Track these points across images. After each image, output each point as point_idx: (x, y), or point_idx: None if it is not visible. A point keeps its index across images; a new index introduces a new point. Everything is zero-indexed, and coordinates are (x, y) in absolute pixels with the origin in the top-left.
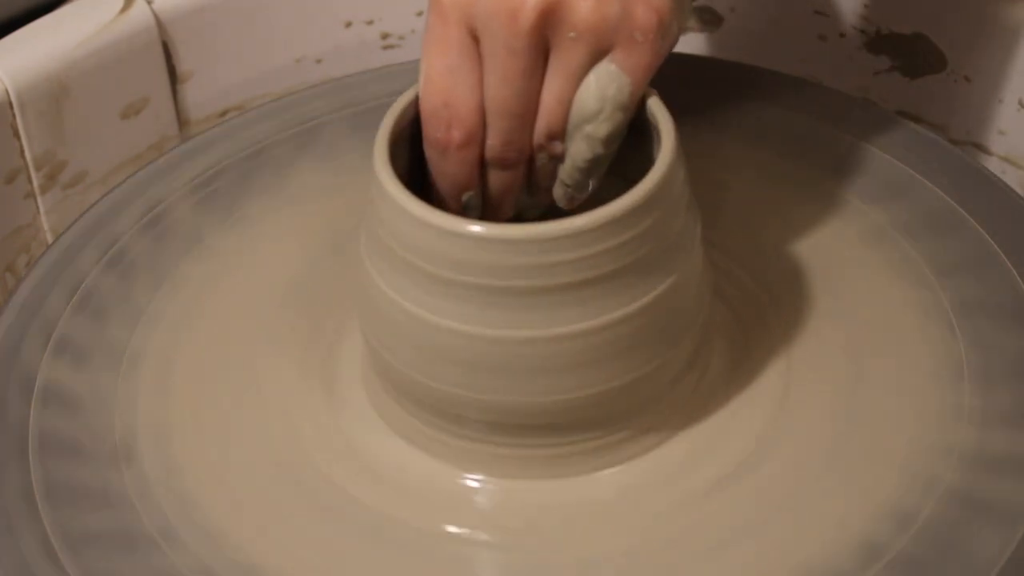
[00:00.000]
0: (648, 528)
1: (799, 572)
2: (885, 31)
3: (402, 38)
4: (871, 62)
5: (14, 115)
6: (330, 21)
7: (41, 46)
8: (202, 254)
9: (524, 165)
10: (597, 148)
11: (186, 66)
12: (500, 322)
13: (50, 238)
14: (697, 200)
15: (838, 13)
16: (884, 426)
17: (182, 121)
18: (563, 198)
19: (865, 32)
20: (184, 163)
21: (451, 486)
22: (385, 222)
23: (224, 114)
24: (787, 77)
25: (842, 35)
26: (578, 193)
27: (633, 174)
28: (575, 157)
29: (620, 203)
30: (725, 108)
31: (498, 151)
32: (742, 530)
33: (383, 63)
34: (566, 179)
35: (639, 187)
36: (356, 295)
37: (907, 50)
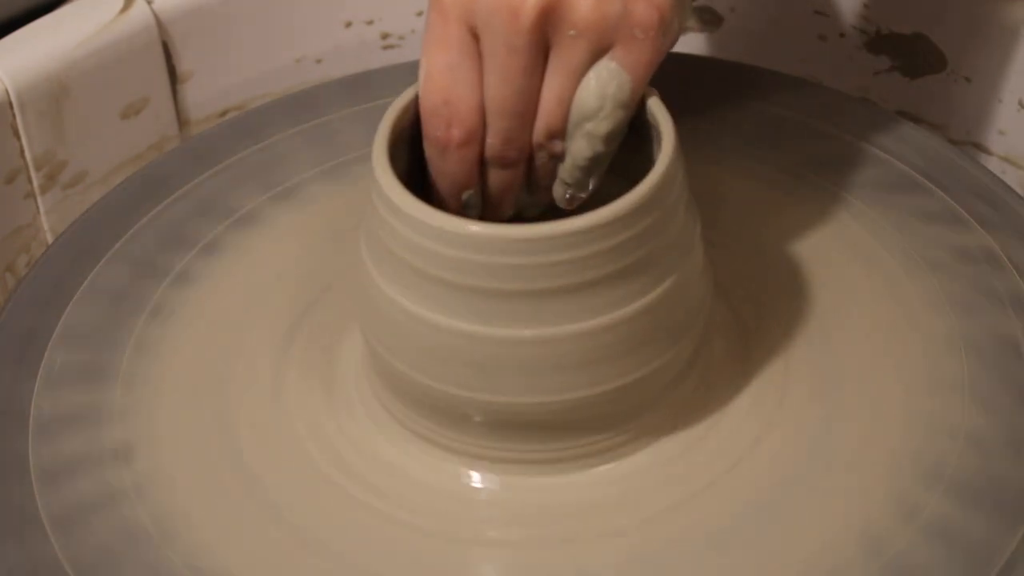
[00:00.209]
0: (648, 528)
1: (800, 572)
2: (885, 31)
3: (402, 38)
4: (871, 62)
5: (14, 115)
6: (330, 21)
7: (41, 46)
8: (201, 254)
9: (524, 164)
10: (597, 146)
11: (186, 66)
12: (500, 322)
13: (50, 238)
14: (697, 200)
15: (838, 13)
16: (884, 425)
17: (182, 121)
18: (563, 197)
19: (865, 32)
20: (184, 163)
21: (451, 486)
22: (385, 223)
23: (224, 114)
24: (787, 77)
25: (842, 35)
26: (579, 192)
27: (633, 174)
28: (575, 155)
29: (620, 203)
30: (725, 108)
31: (498, 150)
32: (742, 530)
33: (383, 63)
34: (567, 177)
35: (639, 187)
36: (356, 295)
37: (907, 50)
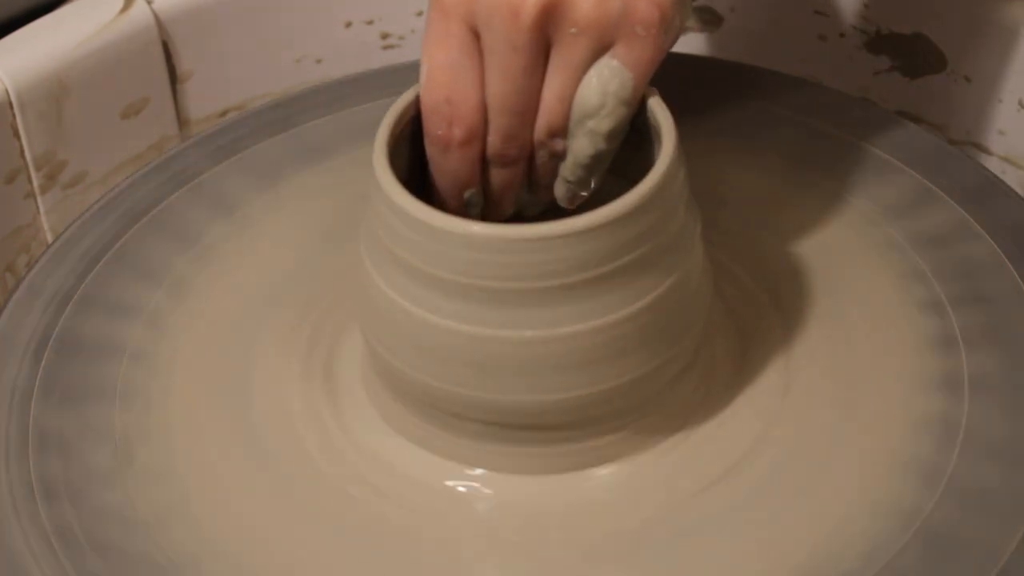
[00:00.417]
0: (648, 528)
1: (800, 571)
2: (885, 31)
3: (402, 38)
4: (871, 62)
5: (14, 115)
6: (330, 21)
7: (41, 46)
8: (201, 254)
9: (525, 162)
10: (600, 144)
11: (186, 66)
12: (500, 322)
13: (50, 238)
14: (697, 200)
15: (838, 13)
16: (885, 425)
17: (182, 121)
18: (565, 196)
19: (865, 32)
20: (184, 163)
21: (451, 485)
22: (384, 223)
23: (224, 114)
24: (787, 77)
25: (842, 35)
26: (580, 190)
27: (633, 174)
28: (577, 153)
29: (620, 203)
30: (725, 108)
31: (499, 148)
32: (742, 530)
33: (383, 63)
34: (568, 176)
35: (639, 187)
36: (356, 295)
37: (907, 50)
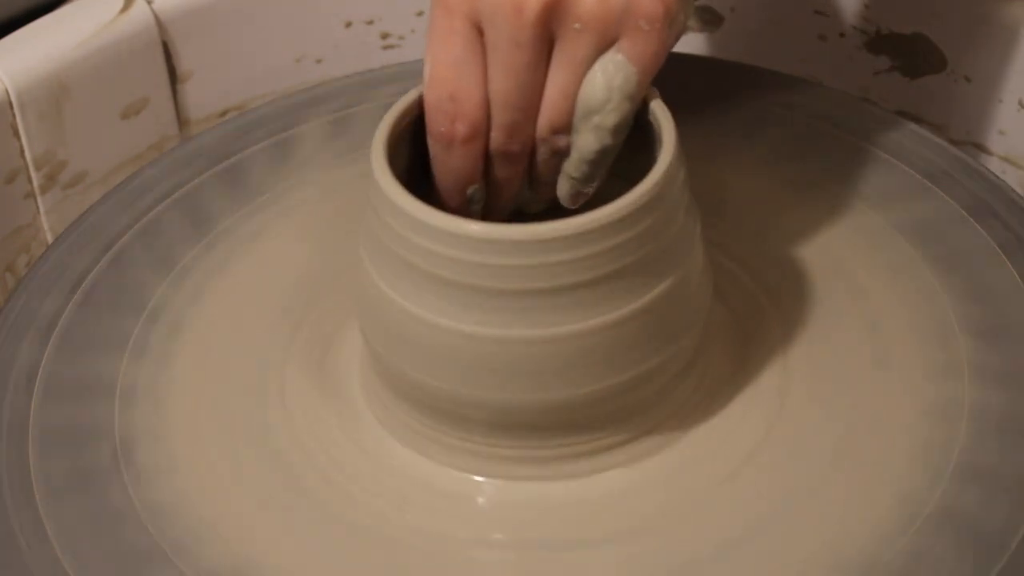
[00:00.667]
0: (649, 529)
1: (801, 571)
2: (885, 31)
3: (402, 38)
4: (871, 62)
5: (14, 115)
6: (330, 21)
7: (41, 46)
8: (201, 255)
9: (527, 158)
10: (605, 139)
11: (186, 66)
12: (500, 322)
13: (50, 238)
14: (697, 200)
15: (838, 13)
16: (885, 425)
17: (182, 121)
18: (568, 194)
19: (865, 32)
20: (183, 163)
21: (452, 486)
22: (384, 223)
23: (224, 114)
24: (787, 77)
25: (842, 35)
26: (584, 187)
27: (633, 174)
28: (583, 149)
29: (620, 203)
30: (725, 108)
31: (502, 144)
32: (742, 530)
33: (383, 63)
34: (573, 172)
35: (639, 188)
36: (356, 296)
37: (907, 50)
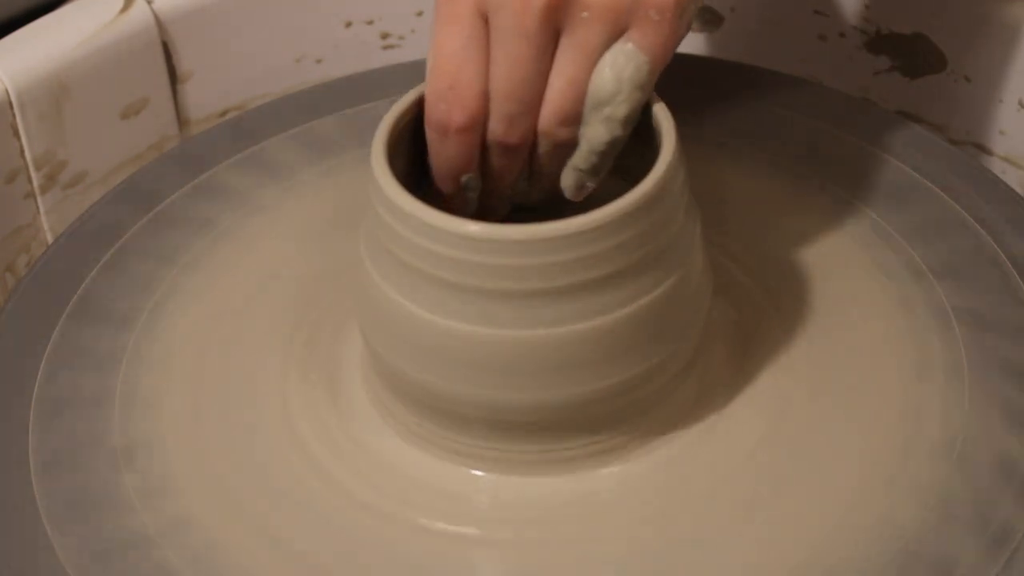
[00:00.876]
0: (649, 528)
1: (802, 570)
2: (885, 31)
3: (402, 38)
4: (871, 62)
5: (14, 115)
6: (330, 21)
7: (41, 46)
8: (200, 256)
9: (526, 151)
10: (616, 130)
11: (186, 66)
12: (500, 322)
13: (50, 238)
14: (697, 199)
15: (838, 13)
16: (886, 425)
17: (182, 121)
18: (573, 186)
19: (865, 32)
20: (182, 164)
21: (452, 485)
22: (383, 223)
23: (224, 114)
24: (787, 77)
25: (842, 35)
26: (590, 180)
27: (633, 174)
28: (592, 140)
29: (620, 203)
30: (725, 108)
31: (500, 135)
32: (743, 530)
33: (383, 63)
34: (581, 164)
35: (639, 188)
36: (356, 296)
37: (907, 50)
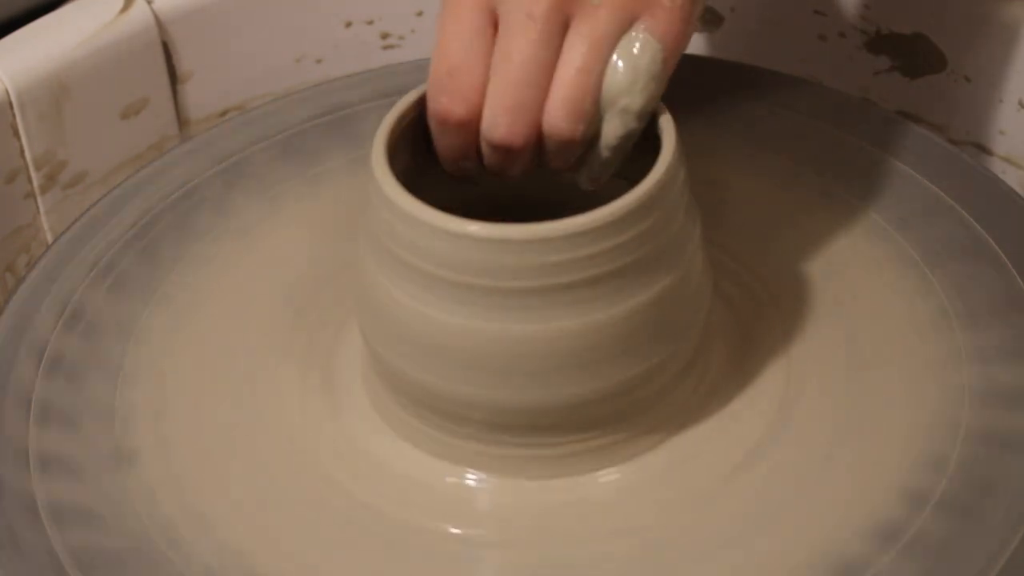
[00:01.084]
0: (648, 528)
1: (802, 569)
2: (885, 31)
3: (402, 38)
4: (871, 62)
5: (14, 115)
6: (330, 21)
7: (41, 46)
8: (199, 257)
9: (527, 154)
10: (631, 123)
11: (186, 66)
12: (499, 321)
13: (50, 238)
14: (697, 199)
15: (838, 13)
16: (886, 424)
17: (182, 121)
18: (587, 180)
19: (865, 32)
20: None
21: (452, 486)
22: (383, 222)
23: (224, 114)
24: (787, 77)
25: (842, 35)
26: (604, 172)
27: (634, 174)
28: (607, 134)
29: (620, 203)
30: (725, 108)
31: (500, 136)
32: (743, 529)
33: (383, 63)
34: (594, 159)
35: (639, 188)
36: (356, 295)
37: (907, 50)
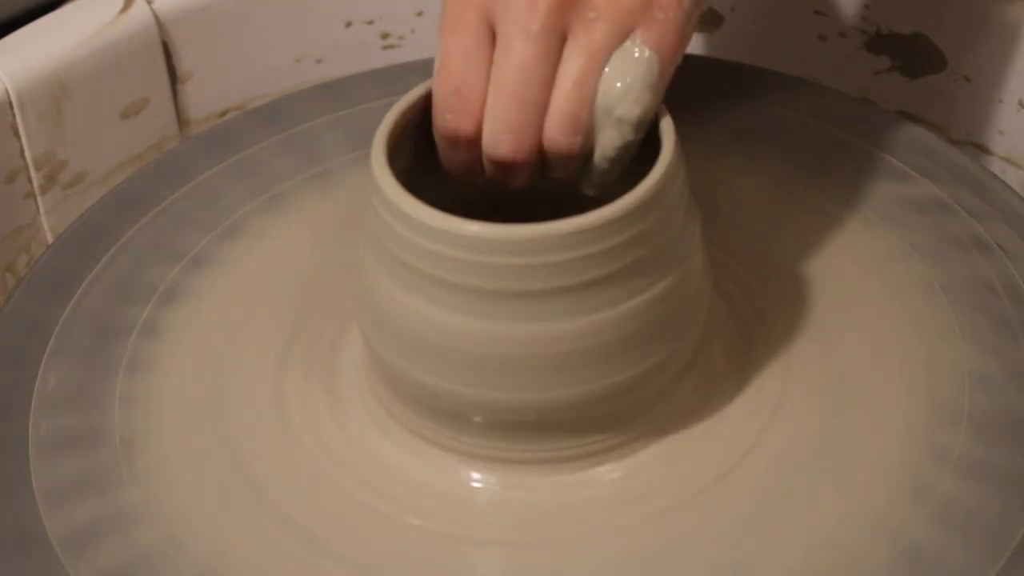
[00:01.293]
0: (649, 528)
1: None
2: (885, 31)
3: (402, 38)
4: (871, 62)
5: (14, 115)
6: (330, 21)
7: (41, 46)
8: (200, 258)
9: (528, 169)
10: (627, 134)
11: (186, 66)
12: (499, 321)
13: (50, 238)
14: (697, 199)
15: (838, 13)
16: (886, 423)
17: (182, 121)
18: (587, 188)
19: (865, 32)
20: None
21: (451, 486)
22: (384, 223)
23: (224, 114)
24: (787, 77)
25: (842, 35)
26: (604, 182)
27: (633, 175)
28: (605, 145)
29: (620, 204)
30: (725, 108)
31: (504, 152)
32: (742, 529)
33: (383, 63)
34: (592, 170)
35: (638, 188)
36: (356, 295)
37: (907, 50)
